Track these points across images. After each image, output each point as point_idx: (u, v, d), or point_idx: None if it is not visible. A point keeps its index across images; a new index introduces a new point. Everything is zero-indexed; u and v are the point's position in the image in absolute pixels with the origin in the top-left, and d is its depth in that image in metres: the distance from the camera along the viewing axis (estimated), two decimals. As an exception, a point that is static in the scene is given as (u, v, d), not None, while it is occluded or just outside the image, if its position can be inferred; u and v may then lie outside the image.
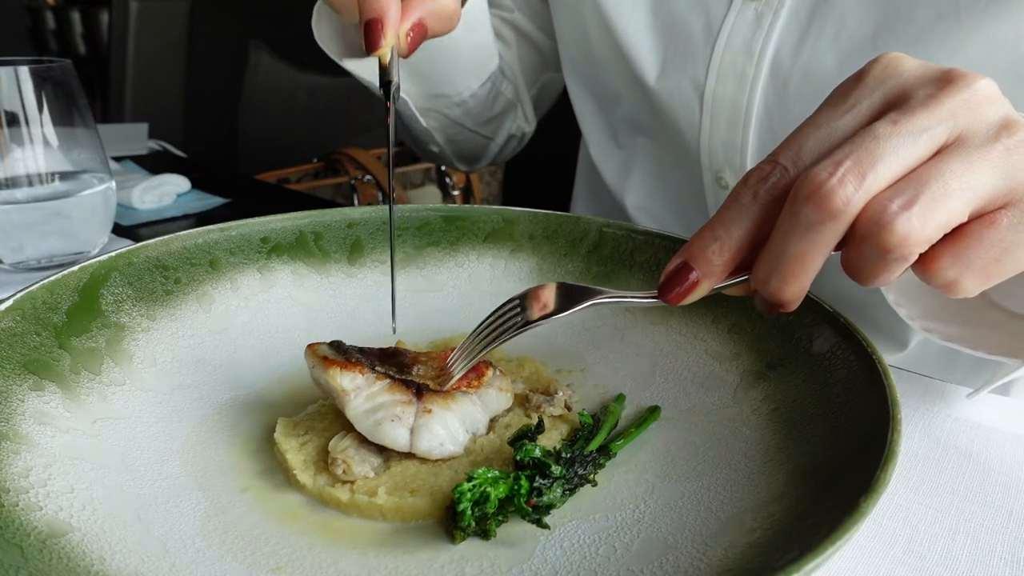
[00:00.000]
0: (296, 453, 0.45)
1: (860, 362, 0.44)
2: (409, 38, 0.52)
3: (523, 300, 0.44)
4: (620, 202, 0.92)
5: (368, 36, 0.50)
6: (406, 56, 0.53)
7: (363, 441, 0.45)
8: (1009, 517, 0.44)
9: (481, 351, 0.45)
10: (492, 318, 0.45)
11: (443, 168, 1.90)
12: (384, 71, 0.51)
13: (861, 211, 0.34)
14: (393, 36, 0.51)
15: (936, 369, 0.77)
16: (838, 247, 0.36)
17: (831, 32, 0.67)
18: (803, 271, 0.36)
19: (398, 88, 0.50)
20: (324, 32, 0.71)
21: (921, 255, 0.35)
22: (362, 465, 0.44)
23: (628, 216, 0.92)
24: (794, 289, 0.37)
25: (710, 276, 0.39)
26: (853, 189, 0.34)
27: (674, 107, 0.78)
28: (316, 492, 0.43)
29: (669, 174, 0.87)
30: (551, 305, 0.43)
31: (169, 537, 0.39)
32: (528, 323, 0.43)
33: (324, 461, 0.44)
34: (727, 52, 0.73)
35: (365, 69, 0.80)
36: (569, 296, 0.43)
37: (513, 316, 0.44)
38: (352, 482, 0.43)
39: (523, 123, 1.04)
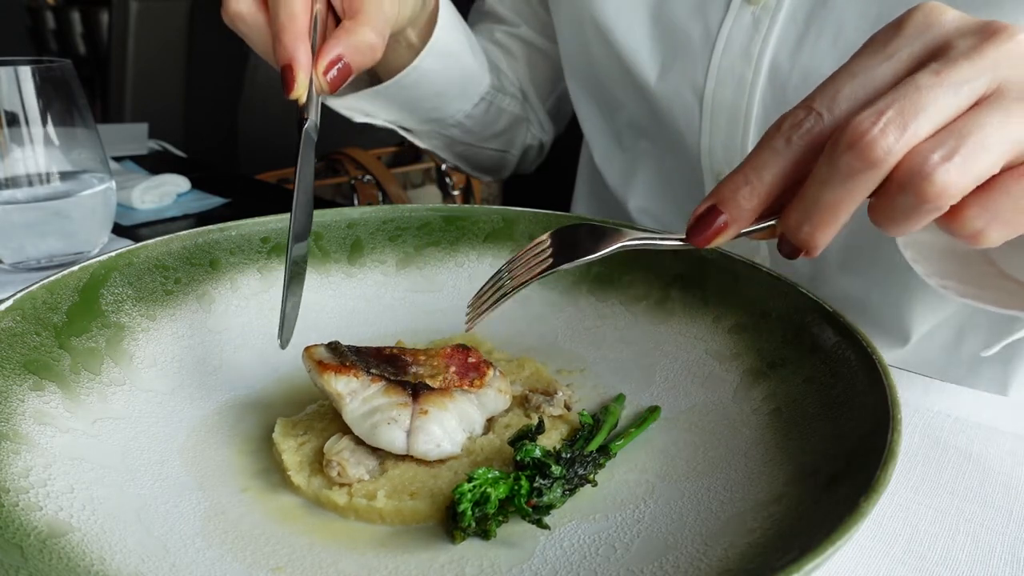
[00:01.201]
0: (293, 454, 0.45)
1: (860, 362, 0.44)
2: (329, 76, 0.51)
3: (550, 240, 0.43)
4: (623, 204, 0.92)
5: (283, 81, 0.50)
6: (330, 93, 0.52)
7: (359, 443, 0.45)
8: (1009, 517, 0.44)
9: (507, 294, 0.44)
10: (516, 262, 0.44)
11: (443, 168, 1.90)
12: (301, 110, 0.50)
13: (900, 161, 0.34)
14: (306, 79, 0.50)
15: (936, 367, 0.77)
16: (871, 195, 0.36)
17: (829, 36, 0.67)
18: (836, 219, 0.37)
19: (315, 127, 0.50)
20: None
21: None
22: (357, 467, 0.43)
23: (630, 218, 0.92)
24: (825, 236, 0.37)
25: (739, 220, 0.39)
26: (895, 139, 0.34)
27: (674, 111, 0.79)
28: (312, 494, 0.43)
29: (671, 176, 0.87)
30: (579, 247, 0.42)
31: (169, 537, 0.39)
32: (557, 264, 0.42)
33: (320, 462, 0.44)
34: (725, 56, 0.73)
35: (357, 106, 0.82)
36: (593, 238, 0.42)
37: (537, 260, 0.43)
38: (347, 484, 0.43)
39: (539, 133, 1.04)
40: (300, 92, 0.50)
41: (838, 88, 0.37)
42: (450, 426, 0.45)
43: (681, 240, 0.41)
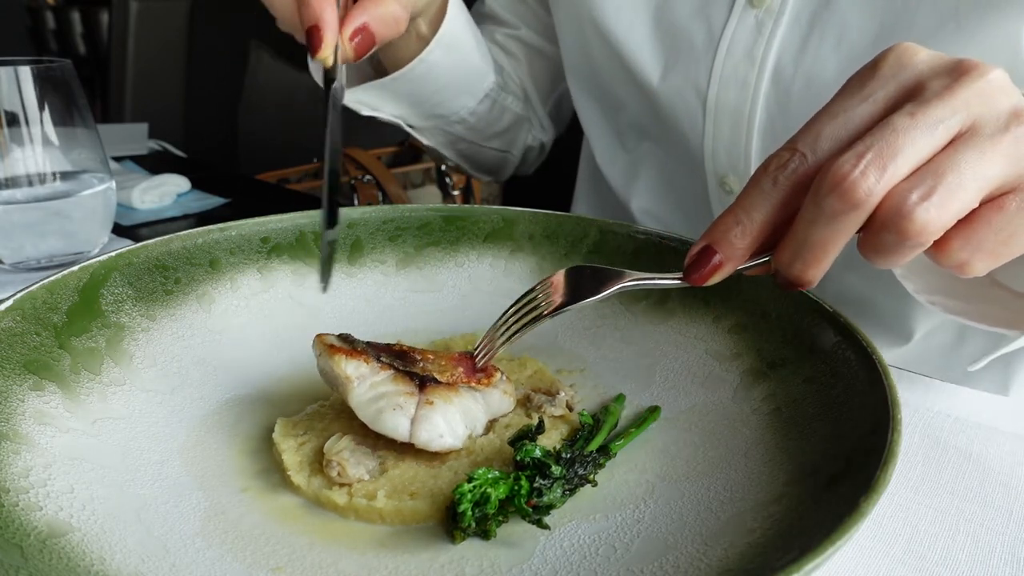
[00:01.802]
0: (293, 454, 0.45)
1: (860, 362, 0.44)
2: (354, 43, 0.53)
3: (552, 284, 0.45)
4: (625, 205, 0.92)
5: (310, 42, 0.51)
6: (354, 60, 0.53)
7: (359, 443, 0.45)
8: (1009, 517, 0.44)
9: (514, 335, 0.46)
10: (521, 303, 0.46)
11: (443, 168, 1.90)
12: (328, 71, 0.51)
13: (881, 201, 0.36)
14: (333, 39, 0.51)
15: (937, 366, 0.77)
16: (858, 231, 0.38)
17: (832, 39, 0.67)
18: (825, 256, 0.38)
19: (341, 88, 0.51)
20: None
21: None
22: (357, 467, 0.43)
23: (632, 218, 0.92)
24: (816, 272, 0.39)
25: (732, 259, 0.41)
26: (875, 180, 0.35)
27: (677, 114, 0.79)
28: (312, 495, 0.43)
29: (674, 178, 0.87)
30: (580, 289, 0.44)
31: (169, 537, 0.39)
32: (560, 307, 0.44)
33: (320, 462, 0.44)
34: (728, 59, 0.73)
35: (364, 99, 0.82)
36: (597, 279, 0.44)
37: (542, 301, 0.45)
38: (347, 485, 0.43)
39: (539, 133, 1.05)
40: (327, 52, 0.51)
41: (820, 129, 0.39)
42: (453, 419, 0.45)
43: (679, 279, 0.42)
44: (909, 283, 0.55)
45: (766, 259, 0.41)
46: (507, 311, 0.47)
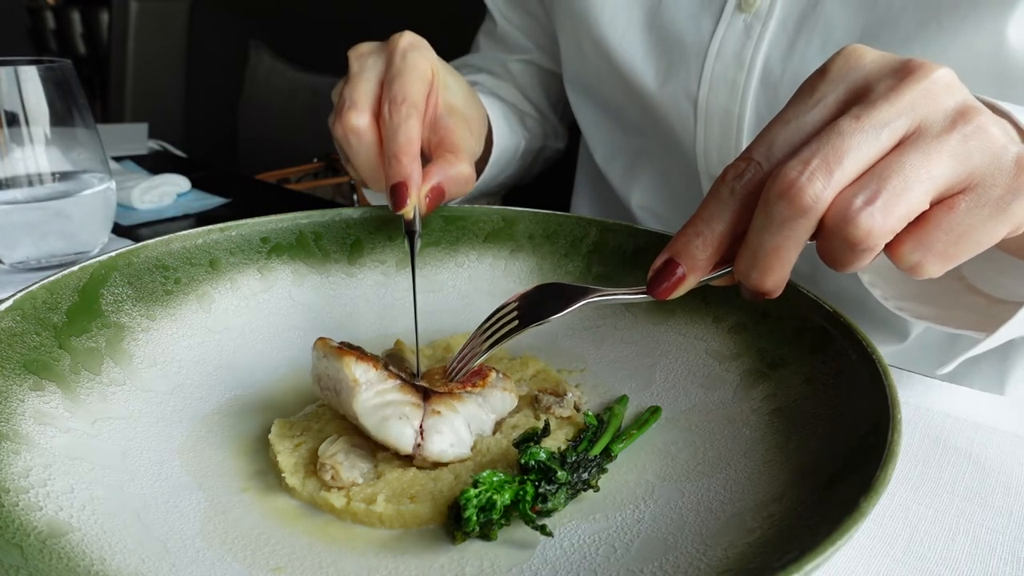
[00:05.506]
0: (288, 456, 0.45)
1: (860, 362, 0.44)
2: (428, 199, 0.57)
3: (518, 302, 0.45)
4: (625, 202, 0.93)
5: (395, 198, 0.55)
6: (424, 215, 0.57)
7: (353, 446, 0.45)
8: (1009, 517, 0.44)
9: (481, 355, 0.46)
10: (489, 322, 0.46)
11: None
12: (409, 223, 0.57)
13: (829, 206, 0.36)
14: (415, 197, 0.56)
15: (936, 362, 0.77)
16: (812, 237, 0.38)
17: (819, 40, 0.68)
18: (780, 263, 0.38)
19: (419, 236, 0.57)
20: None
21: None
22: (351, 471, 0.43)
23: (632, 216, 0.93)
24: (774, 279, 0.39)
25: (695, 270, 0.41)
26: (822, 186, 0.35)
27: (670, 116, 0.80)
28: (308, 497, 0.43)
29: (672, 176, 0.88)
30: (546, 306, 0.44)
31: (169, 537, 0.39)
32: (524, 325, 0.44)
33: (315, 465, 0.44)
34: (718, 62, 0.74)
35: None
36: (563, 296, 0.44)
37: (510, 319, 0.45)
38: (341, 488, 0.43)
39: (555, 142, 1.06)
40: (410, 208, 0.56)
41: (773, 137, 0.39)
42: (460, 428, 0.45)
43: (643, 293, 0.42)
44: (877, 290, 0.55)
45: (729, 270, 0.41)
46: (479, 328, 0.47)
